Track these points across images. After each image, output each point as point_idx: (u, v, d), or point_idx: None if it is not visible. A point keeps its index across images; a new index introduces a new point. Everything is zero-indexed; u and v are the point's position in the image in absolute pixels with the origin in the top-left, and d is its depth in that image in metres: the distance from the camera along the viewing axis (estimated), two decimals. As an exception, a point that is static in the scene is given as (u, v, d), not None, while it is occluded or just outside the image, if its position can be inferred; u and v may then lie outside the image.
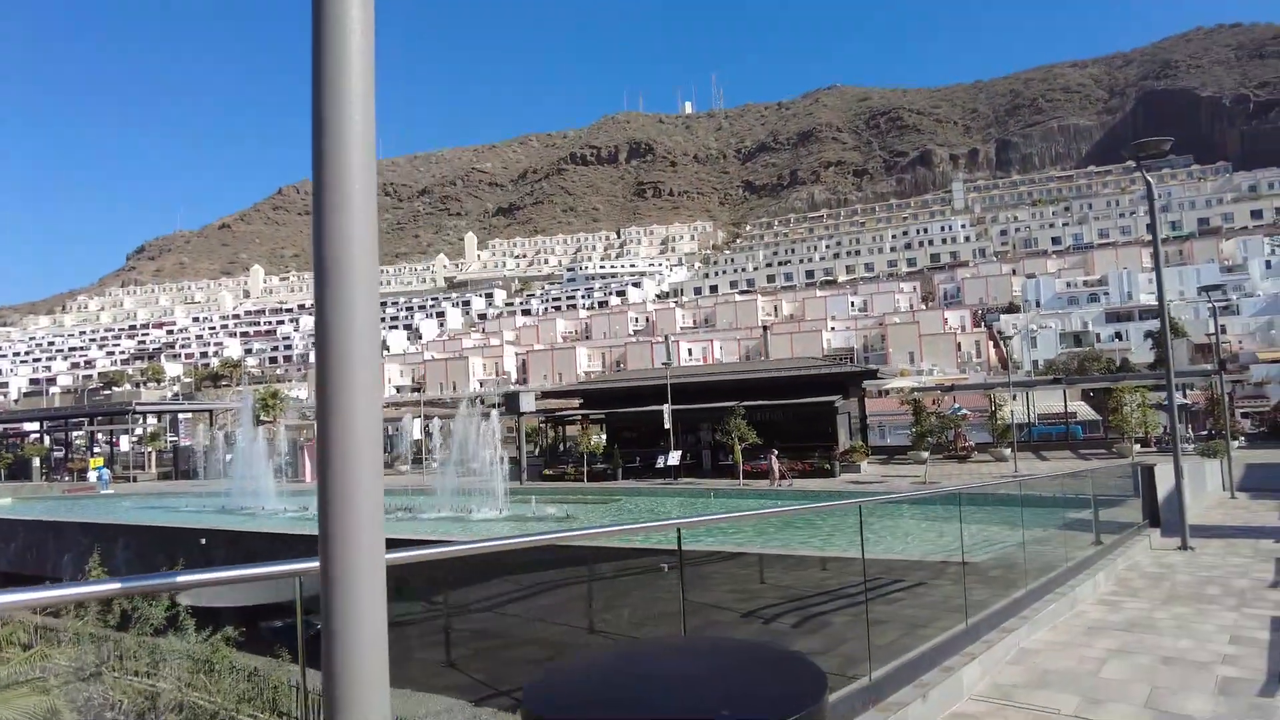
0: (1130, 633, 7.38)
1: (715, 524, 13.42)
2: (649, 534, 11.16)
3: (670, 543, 5.28)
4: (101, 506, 37.45)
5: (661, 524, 4.92)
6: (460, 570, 9.71)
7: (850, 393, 39.83)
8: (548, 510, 25.46)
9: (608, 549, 9.44)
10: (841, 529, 20.84)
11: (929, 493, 14.27)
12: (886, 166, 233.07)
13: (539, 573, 8.44)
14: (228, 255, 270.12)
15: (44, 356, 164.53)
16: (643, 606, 7.26)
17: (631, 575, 9.11)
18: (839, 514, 23.20)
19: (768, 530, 21.60)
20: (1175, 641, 7.02)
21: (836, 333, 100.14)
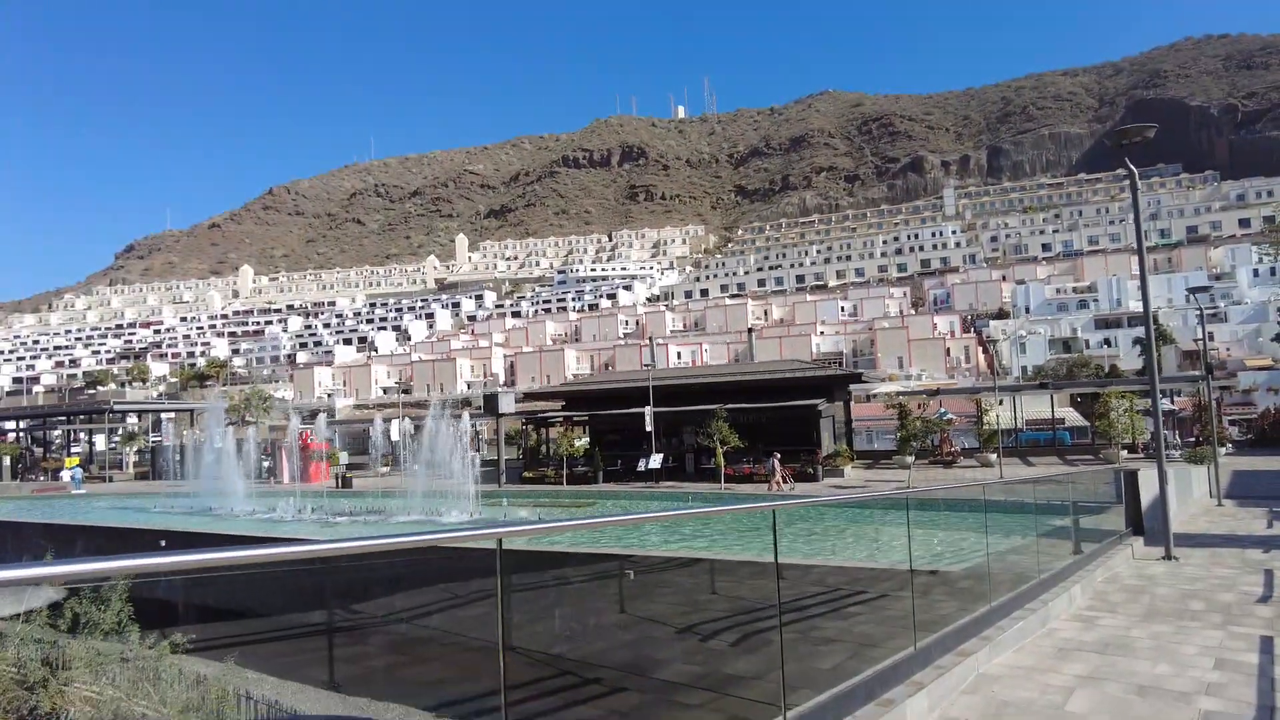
0: (1104, 655, 6.72)
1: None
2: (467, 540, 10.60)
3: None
4: (69, 508, 36.58)
5: (480, 533, 4.20)
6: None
7: (835, 396, 39.30)
8: (519, 513, 24.82)
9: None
10: (828, 534, 20.25)
11: (859, 498, 13.73)
12: (878, 172, 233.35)
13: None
14: (217, 255, 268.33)
15: (28, 355, 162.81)
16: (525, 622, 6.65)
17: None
18: (813, 517, 22.55)
19: (744, 532, 21.04)
20: (1153, 667, 6.36)
21: (826, 337, 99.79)
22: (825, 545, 19.04)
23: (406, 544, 2.76)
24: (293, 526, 26.43)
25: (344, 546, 2.97)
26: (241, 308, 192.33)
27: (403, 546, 2.89)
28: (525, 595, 7.82)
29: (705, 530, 22.72)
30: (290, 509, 29.32)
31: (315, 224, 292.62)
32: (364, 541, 2.86)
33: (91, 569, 2.12)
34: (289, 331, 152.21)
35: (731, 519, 26.59)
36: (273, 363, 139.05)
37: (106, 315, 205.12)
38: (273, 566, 2.98)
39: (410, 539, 2.72)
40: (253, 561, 2.47)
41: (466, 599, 8.34)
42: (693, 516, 11.67)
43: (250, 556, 2.45)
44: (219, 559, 2.45)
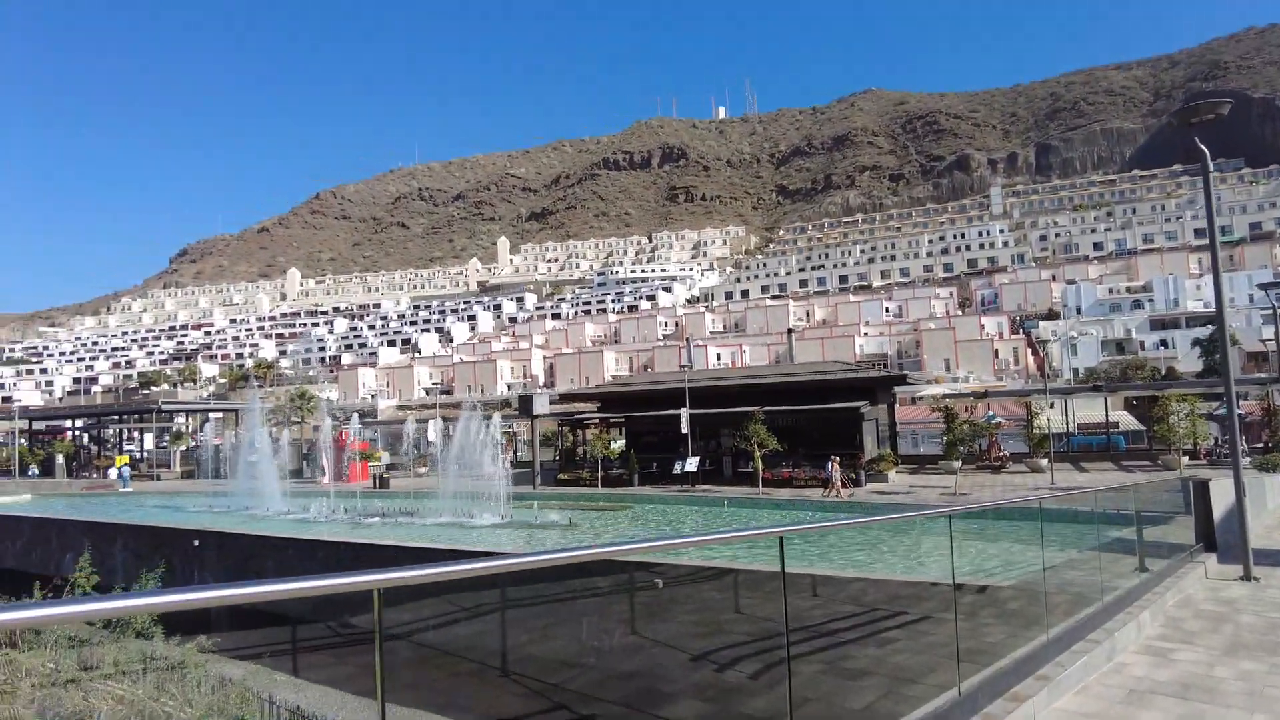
0: (1185, 701, 5.70)
1: (817, 531, 12.02)
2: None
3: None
4: (114, 505, 37.18)
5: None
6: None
7: (879, 399, 38.15)
8: (551, 516, 24.34)
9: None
10: (866, 543, 19.36)
11: (886, 519, 12.78)
12: (923, 171, 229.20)
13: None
14: (266, 258, 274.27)
15: (88, 356, 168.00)
16: (564, 646, 6.01)
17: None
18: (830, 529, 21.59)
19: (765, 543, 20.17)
20: (1249, 717, 5.35)
21: (870, 338, 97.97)
22: (862, 555, 18.17)
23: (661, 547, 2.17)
24: (324, 527, 26.34)
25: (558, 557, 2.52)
26: (289, 310, 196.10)
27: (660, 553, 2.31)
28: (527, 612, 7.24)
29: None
30: (324, 509, 29.30)
31: (361, 228, 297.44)
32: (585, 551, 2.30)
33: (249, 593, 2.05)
34: (335, 333, 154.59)
35: (772, 505, 25.83)
36: (319, 364, 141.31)
37: (161, 317, 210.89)
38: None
39: (681, 541, 2.14)
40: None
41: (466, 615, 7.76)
42: (695, 544, 11.03)
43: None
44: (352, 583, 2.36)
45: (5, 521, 30.98)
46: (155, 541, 24.50)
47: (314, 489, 38.60)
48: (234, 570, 22.54)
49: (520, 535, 21.82)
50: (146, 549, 24.27)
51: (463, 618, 7.38)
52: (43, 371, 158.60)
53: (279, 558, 21.72)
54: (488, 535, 22.39)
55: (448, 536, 21.79)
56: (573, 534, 21.53)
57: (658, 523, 24.69)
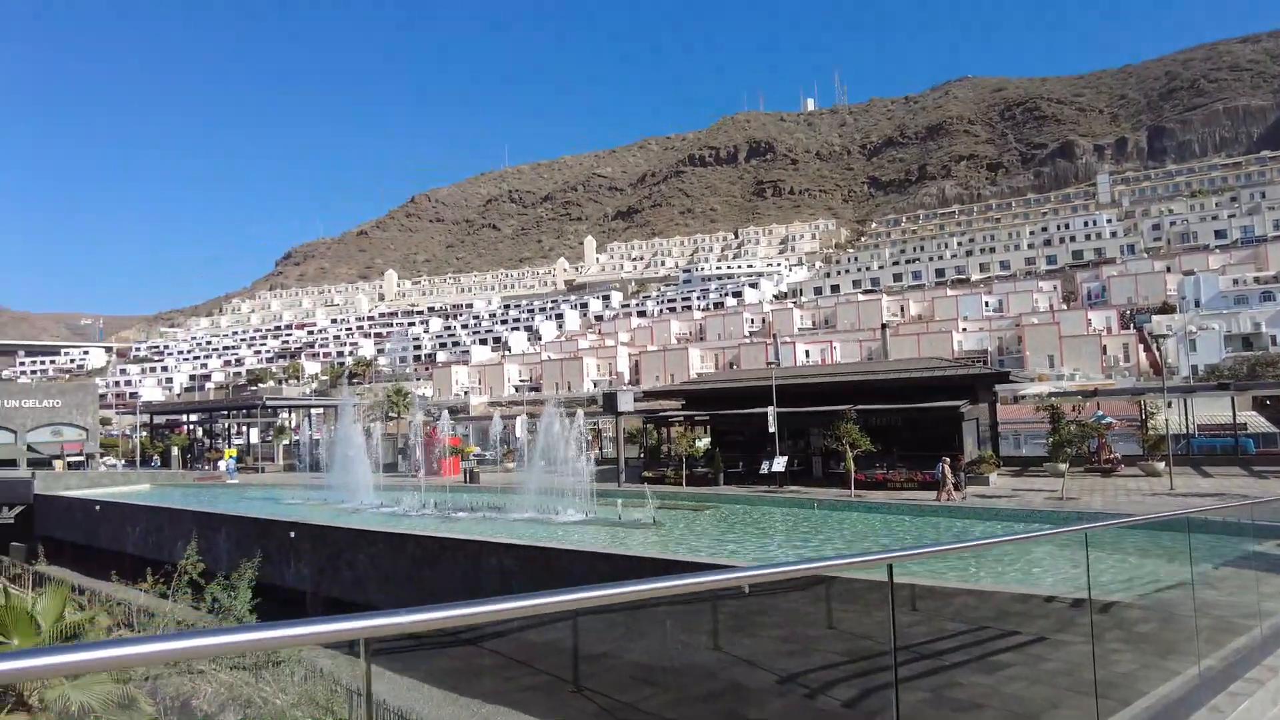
0: None
1: (931, 555, 11.30)
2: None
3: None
4: (221, 496, 39.04)
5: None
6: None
7: (979, 398, 36.37)
8: (634, 515, 24.04)
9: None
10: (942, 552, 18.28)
11: (1025, 536, 11.72)
12: (1023, 159, 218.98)
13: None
14: (364, 260, 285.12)
15: (202, 355, 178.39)
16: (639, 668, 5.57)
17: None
18: (948, 527, 20.37)
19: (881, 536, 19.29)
20: None
21: (968, 334, 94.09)
22: (972, 565, 17.10)
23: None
24: (415, 521, 26.81)
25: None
26: (386, 309, 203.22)
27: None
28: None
29: (831, 538, 21.11)
30: (415, 503, 29.88)
31: (454, 230, 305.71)
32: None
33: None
34: (430, 332, 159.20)
35: (865, 508, 24.84)
36: (414, 361, 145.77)
37: (267, 318, 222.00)
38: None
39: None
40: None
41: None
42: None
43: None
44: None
45: (127, 510, 32.91)
46: (255, 532, 25.44)
47: (407, 483, 39.55)
48: (327, 562, 23.12)
49: (602, 533, 21.60)
50: (247, 539, 25.22)
51: (531, 624, 7.04)
52: (164, 369, 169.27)
53: (370, 551, 22.14)
54: (570, 532, 22.28)
55: (531, 533, 21.78)
56: (655, 533, 21.19)
57: (743, 524, 24.06)
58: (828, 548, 20.25)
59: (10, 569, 34.49)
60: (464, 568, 19.10)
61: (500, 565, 18.35)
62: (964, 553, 12.51)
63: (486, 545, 18.30)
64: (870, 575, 8.62)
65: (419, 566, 20.27)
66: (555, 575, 17.28)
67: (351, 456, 35.84)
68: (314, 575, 23.25)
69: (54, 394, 63.92)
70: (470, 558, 18.95)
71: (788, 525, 23.97)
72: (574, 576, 16.95)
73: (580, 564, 16.81)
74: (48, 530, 37.77)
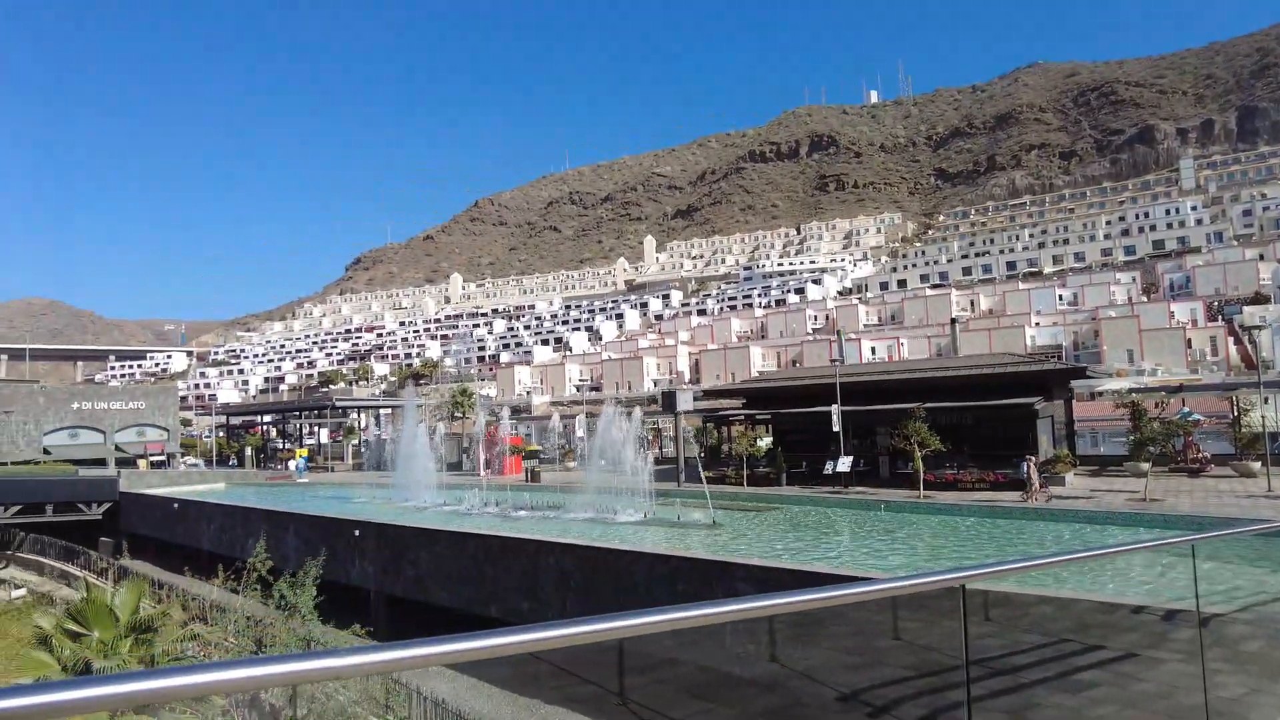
0: None
1: (1006, 574, 10.73)
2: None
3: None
4: (291, 494, 40.10)
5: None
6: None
7: (1054, 394, 34.87)
8: (694, 515, 23.69)
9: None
10: (1043, 545, 17.39)
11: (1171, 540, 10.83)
12: (1098, 147, 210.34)
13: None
14: (431, 264, 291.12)
15: (276, 358, 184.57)
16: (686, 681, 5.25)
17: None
18: (1029, 529, 19.46)
19: (913, 543, 18.46)
20: None
21: (1041, 329, 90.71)
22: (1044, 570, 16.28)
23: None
24: (476, 519, 26.99)
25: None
26: (452, 312, 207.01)
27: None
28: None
29: (901, 539, 20.38)
30: (476, 502, 30.12)
31: (516, 233, 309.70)
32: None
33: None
34: (493, 333, 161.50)
35: (934, 510, 23.97)
36: (478, 362, 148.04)
37: (338, 321, 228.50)
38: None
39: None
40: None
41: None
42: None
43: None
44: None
45: (202, 508, 34.05)
46: (321, 530, 25.93)
47: (470, 481, 39.99)
48: (390, 560, 23.39)
49: (661, 534, 21.32)
50: (314, 537, 25.73)
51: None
52: (240, 372, 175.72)
53: (432, 549, 22.30)
54: (629, 533, 22.07)
55: (590, 533, 21.64)
56: (715, 534, 20.81)
57: (806, 525, 23.46)
58: (893, 555, 19.56)
59: (98, 563, 36.09)
60: (523, 566, 19.07)
61: (559, 565, 18.25)
62: (1057, 568, 11.72)
63: (544, 545, 18.22)
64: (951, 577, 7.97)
65: (479, 565, 20.32)
66: (612, 576, 17.08)
67: (415, 456, 36.38)
68: (378, 573, 23.57)
69: (138, 396, 66.91)
70: (529, 557, 18.91)
71: (853, 527, 23.29)
72: (632, 577, 16.72)
73: (638, 565, 16.56)
74: (132, 526, 39.41)
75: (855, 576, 13.45)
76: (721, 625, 5.92)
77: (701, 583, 15.34)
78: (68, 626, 18.83)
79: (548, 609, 18.37)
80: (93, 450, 61.43)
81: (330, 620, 20.98)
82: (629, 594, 16.50)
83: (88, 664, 18.13)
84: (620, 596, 16.72)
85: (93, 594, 18.78)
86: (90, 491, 41.17)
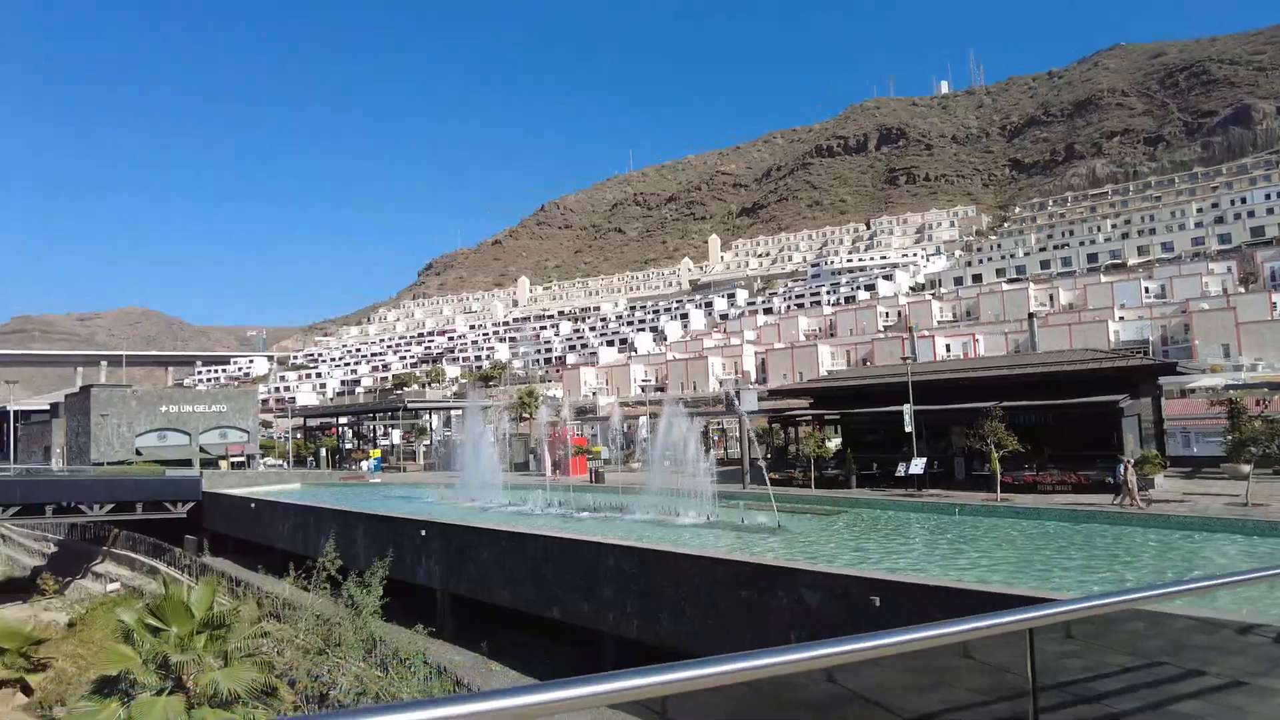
0: None
1: (1099, 613, 10.28)
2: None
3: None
4: (362, 494, 41.01)
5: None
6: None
7: (1141, 392, 33.04)
8: (758, 519, 23.13)
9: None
10: (1131, 551, 16.28)
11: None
12: (1188, 130, 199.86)
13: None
14: (499, 269, 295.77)
15: (352, 361, 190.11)
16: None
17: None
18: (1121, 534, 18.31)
19: (1003, 554, 17.43)
20: None
21: (1126, 323, 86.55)
22: (1130, 571, 15.24)
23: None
24: (539, 519, 27.01)
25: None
26: (520, 315, 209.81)
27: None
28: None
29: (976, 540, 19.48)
30: (540, 502, 30.18)
31: (582, 235, 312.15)
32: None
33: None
34: (560, 335, 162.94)
35: (1013, 513, 22.85)
36: (545, 364, 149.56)
37: (411, 325, 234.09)
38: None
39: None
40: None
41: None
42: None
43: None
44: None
45: (277, 508, 35.03)
46: (389, 530, 26.29)
47: (535, 481, 40.21)
48: (454, 560, 23.54)
49: (724, 537, 20.86)
50: (382, 536, 26.12)
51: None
52: (318, 375, 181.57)
53: (493, 549, 22.33)
54: (691, 535, 21.67)
55: (651, 535, 21.34)
56: (779, 538, 20.23)
57: (875, 529, 22.66)
58: (961, 559, 18.67)
59: (181, 559, 37.54)
60: (583, 568, 18.93)
61: (618, 567, 18.03)
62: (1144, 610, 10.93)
63: (603, 546, 18.00)
64: (1011, 589, 7.43)
65: (539, 565, 20.26)
66: (672, 579, 16.75)
67: (481, 457, 36.75)
68: (442, 573, 23.74)
69: (220, 400, 69.76)
70: (588, 559, 18.74)
71: (927, 532, 22.39)
72: (692, 581, 16.36)
73: (698, 569, 16.20)
74: (214, 525, 40.87)
75: (940, 587, 12.77)
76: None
77: (764, 588, 14.90)
78: (148, 621, 19.50)
79: (608, 611, 18.18)
80: (179, 451, 64.25)
81: (395, 620, 21.20)
82: (690, 599, 16.18)
83: (165, 658, 18.76)
84: (681, 600, 16.41)
85: (170, 591, 19.44)
86: (175, 491, 42.88)
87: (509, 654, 20.32)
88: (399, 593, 22.97)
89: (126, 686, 18.59)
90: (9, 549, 61.30)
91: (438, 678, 17.27)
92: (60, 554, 53.09)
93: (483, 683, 18.25)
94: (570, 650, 19.86)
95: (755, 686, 3.76)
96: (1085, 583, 15.18)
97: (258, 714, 17.19)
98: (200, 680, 18.01)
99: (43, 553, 55.97)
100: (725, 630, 15.41)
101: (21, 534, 60.14)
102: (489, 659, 20.10)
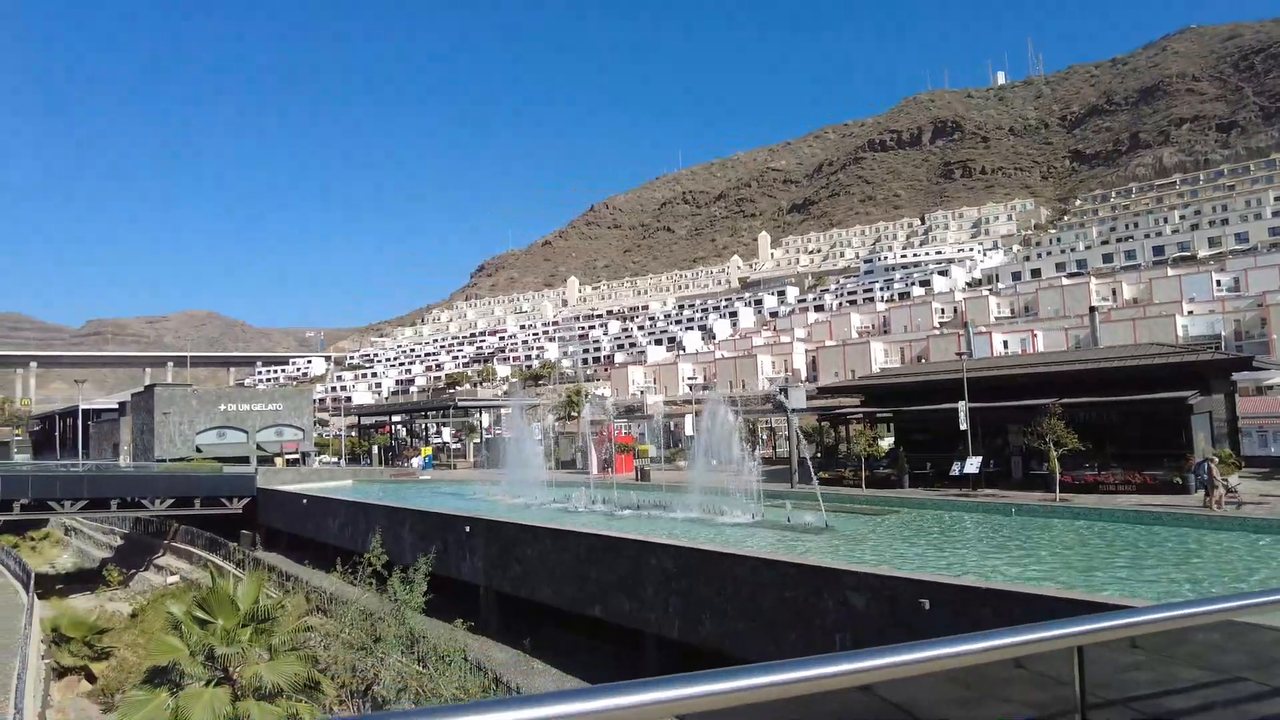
0: None
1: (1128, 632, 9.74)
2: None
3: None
4: (411, 491, 41.42)
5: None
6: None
7: (1213, 388, 31.45)
8: (805, 518, 22.53)
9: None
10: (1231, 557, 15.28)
11: None
12: (1264, 116, 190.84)
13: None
14: (549, 269, 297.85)
15: (406, 361, 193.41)
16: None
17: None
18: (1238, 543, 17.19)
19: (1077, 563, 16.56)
20: None
21: (1195, 317, 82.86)
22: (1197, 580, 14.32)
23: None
24: (584, 517, 26.82)
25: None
26: (569, 314, 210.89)
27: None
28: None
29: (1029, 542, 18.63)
30: (584, 500, 30.01)
31: (630, 235, 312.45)
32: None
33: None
34: (609, 334, 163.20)
35: (1072, 514, 21.85)
36: (594, 363, 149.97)
37: (464, 326, 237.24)
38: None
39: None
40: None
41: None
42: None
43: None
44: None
45: (328, 504, 35.56)
46: (435, 526, 26.39)
47: (581, 479, 40.12)
48: (498, 556, 23.49)
49: (770, 536, 20.34)
50: (428, 532, 26.23)
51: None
52: (373, 375, 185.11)
53: (537, 547, 22.20)
54: (736, 535, 21.19)
55: (695, 534, 20.94)
56: (826, 538, 19.63)
57: (926, 530, 21.86)
58: (1017, 566, 17.82)
59: (235, 553, 38.39)
60: (626, 566, 18.67)
61: (660, 565, 17.71)
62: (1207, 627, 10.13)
63: (646, 545, 17.68)
64: (1063, 592, 6.90)
65: (582, 563, 20.06)
66: (715, 579, 16.36)
67: (527, 454, 36.79)
68: (486, 569, 23.70)
69: (276, 399, 71.51)
70: (631, 557, 18.45)
71: (982, 533, 21.52)
72: (736, 581, 15.95)
73: (742, 568, 15.78)
74: (269, 520, 41.75)
75: (989, 589, 12.12)
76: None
77: (809, 590, 14.41)
78: (195, 614, 19.81)
79: (650, 610, 17.89)
80: (237, 449, 66.01)
81: (439, 615, 21.18)
82: (732, 599, 15.78)
83: (211, 649, 19.02)
84: (723, 601, 16.03)
85: (217, 585, 19.72)
86: (231, 487, 43.94)
87: (551, 651, 20.16)
88: (443, 589, 22.98)
89: (176, 677, 18.89)
90: (79, 541, 63.76)
91: (475, 674, 17.15)
92: (125, 547, 54.95)
93: (524, 680, 18.08)
94: (613, 649, 19.61)
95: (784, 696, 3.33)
96: (1158, 588, 14.30)
97: (300, 708, 17.28)
98: (244, 673, 18.20)
99: (110, 545, 58.03)
100: (768, 632, 14.97)
101: (91, 528, 62.46)
102: (531, 656, 19.96)
